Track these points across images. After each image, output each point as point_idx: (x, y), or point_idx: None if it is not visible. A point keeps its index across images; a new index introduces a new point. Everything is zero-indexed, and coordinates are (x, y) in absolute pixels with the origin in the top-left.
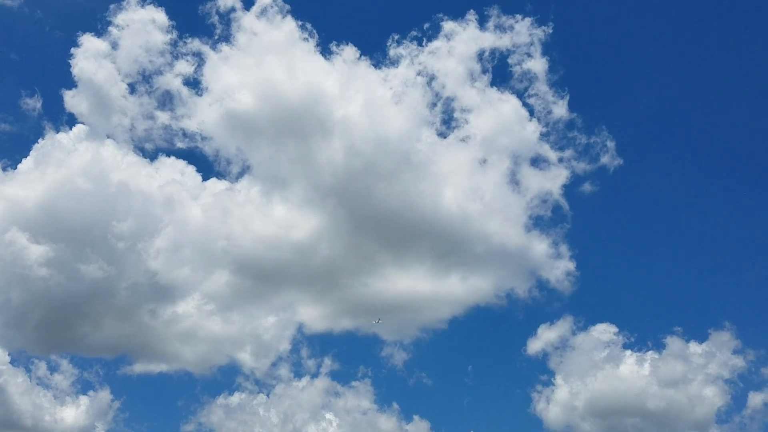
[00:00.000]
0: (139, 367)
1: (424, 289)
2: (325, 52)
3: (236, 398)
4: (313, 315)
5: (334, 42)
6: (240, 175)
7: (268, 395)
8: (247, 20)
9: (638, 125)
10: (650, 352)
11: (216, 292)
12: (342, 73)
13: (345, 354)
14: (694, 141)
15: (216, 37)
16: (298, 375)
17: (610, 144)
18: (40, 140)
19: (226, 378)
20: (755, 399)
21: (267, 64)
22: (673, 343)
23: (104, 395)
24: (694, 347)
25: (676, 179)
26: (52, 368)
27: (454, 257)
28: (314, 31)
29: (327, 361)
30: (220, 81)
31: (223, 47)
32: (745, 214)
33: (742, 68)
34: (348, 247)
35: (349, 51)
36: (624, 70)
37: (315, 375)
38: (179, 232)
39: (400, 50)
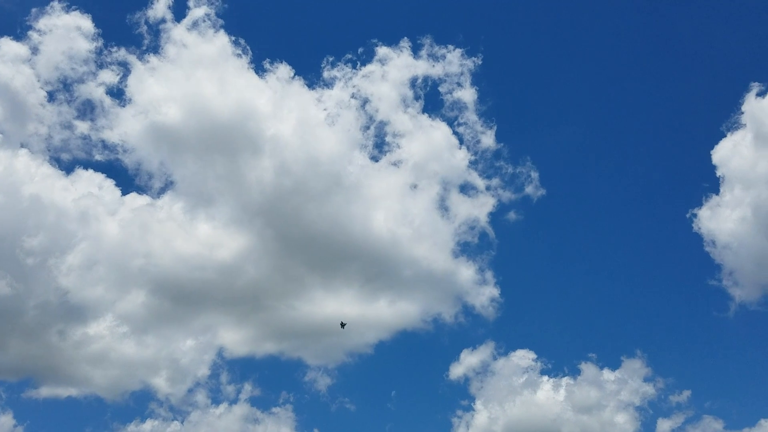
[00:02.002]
0: (45, 391)
1: (352, 313)
2: (259, 69)
3: (148, 426)
4: (235, 338)
5: (268, 60)
6: (162, 190)
7: (182, 422)
8: (178, 32)
9: (560, 157)
10: (566, 378)
11: (131, 313)
12: (275, 91)
13: (267, 379)
14: (613, 175)
15: (144, 48)
16: (216, 401)
17: (534, 174)
18: None
19: (139, 404)
20: (664, 425)
21: (197, 77)
22: (588, 369)
23: (6, 420)
24: (608, 374)
25: (594, 212)
26: None
27: (383, 281)
28: (248, 47)
29: (247, 387)
30: (146, 92)
31: (151, 58)
32: (657, 247)
33: (661, 105)
34: (275, 268)
35: (283, 69)
36: (549, 104)
37: (234, 401)
38: (94, 248)
39: (335, 72)
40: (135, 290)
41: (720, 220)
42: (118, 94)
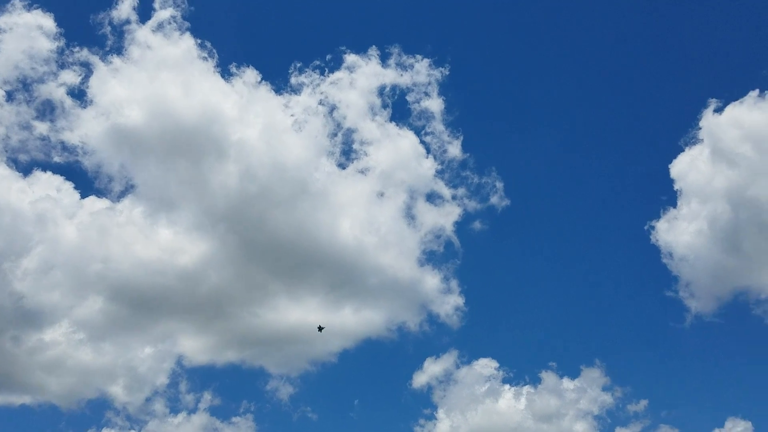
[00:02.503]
0: None
1: (316, 321)
2: (225, 73)
3: None
4: (195, 346)
5: (235, 64)
6: (122, 194)
7: None
8: (142, 33)
9: (525, 169)
10: (527, 387)
11: (88, 319)
12: (241, 95)
13: (227, 388)
14: (574, 187)
15: (107, 48)
16: (175, 411)
17: (499, 185)
18: None
19: (95, 413)
20: None
21: (161, 80)
22: (548, 378)
23: None
24: (567, 383)
25: (556, 223)
26: None
27: (348, 289)
28: (214, 50)
29: (207, 396)
30: (108, 94)
31: (114, 59)
32: (616, 258)
33: (622, 119)
34: (238, 275)
35: (250, 74)
36: (514, 116)
37: (193, 410)
38: (50, 252)
39: (302, 78)
40: (92, 296)
41: (677, 232)
42: (79, 95)
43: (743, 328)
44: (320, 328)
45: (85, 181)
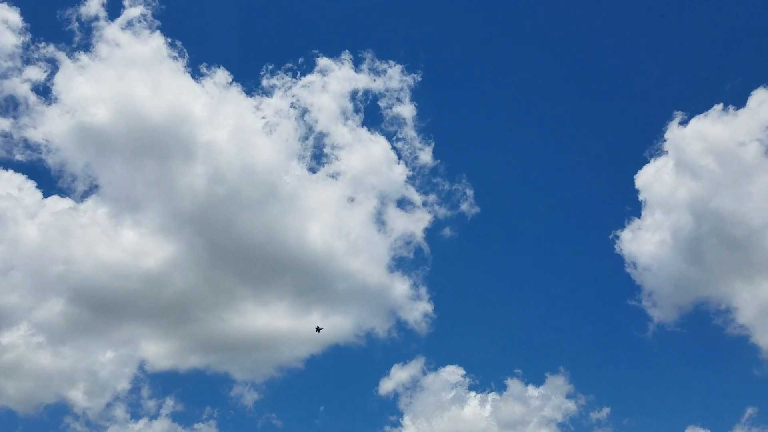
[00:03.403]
0: None
1: (283, 327)
2: (195, 73)
3: None
4: (158, 351)
5: (205, 64)
6: (86, 194)
7: None
8: (111, 31)
9: (495, 176)
10: (492, 394)
11: (48, 322)
12: (212, 96)
13: (191, 394)
14: (543, 196)
15: (74, 45)
16: (136, 417)
17: (469, 192)
18: None
19: (53, 418)
20: None
21: (129, 78)
22: (514, 385)
23: None
24: (532, 390)
25: (525, 231)
26: None
27: (316, 294)
28: (184, 50)
29: (169, 402)
30: (75, 91)
31: (81, 56)
32: (581, 267)
33: (589, 129)
34: (204, 279)
35: (221, 75)
36: (485, 124)
37: (154, 416)
38: (10, 252)
39: (274, 80)
40: (53, 298)
41: (641, 242)
42: (44, 91)
43: (703, 338)
44: (318, 329)
45: (48, 180)
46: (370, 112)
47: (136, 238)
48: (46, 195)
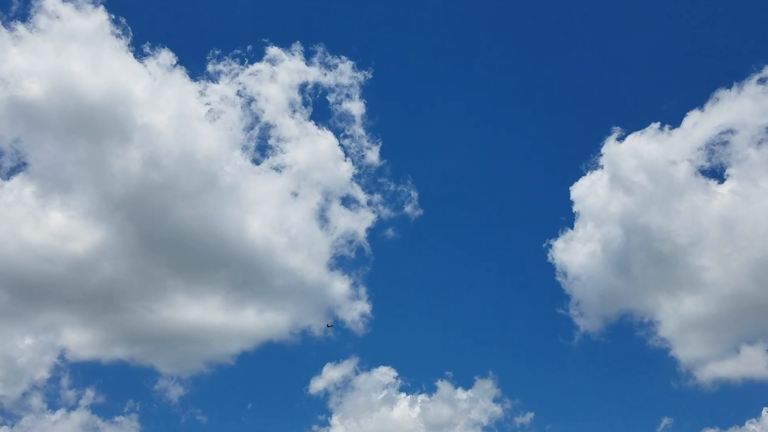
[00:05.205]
0: None
1: (216, 321)
2: (138, 52)
3: None
4: (81, 340)
5: (149, 43)
6: (13, 171)
7: (12, 427)
8: (51, 2)
9: (439, 180)
10: (422, 396)
11: None
12: (154, 77)
13: (112, 386)
14: (482, 202)
15: (11, 14)
16: (53, 407)
17: (414, 194)
18: None
19: None
20: None
21: (67, 53)
22: (444, 387)
23: None
24: (461, 393)
25: (464, 236)
26: None
27: (252, 289)
28: (128, 27)
29: (90, 393)
30: (8, 63)
31: (18, 26)
32: (515, 274)
33: (529, 140)
34: (134, 267)
35: (165, 56)
36: (433, 127)
37: (73, 407)
38: None
39: (221, 66)
40: None
41: (572, 252)
42: None
43: (626, 349)
44: (329, 326)
45: None
46: (318, 106)
47: (64, 220)
48: None
